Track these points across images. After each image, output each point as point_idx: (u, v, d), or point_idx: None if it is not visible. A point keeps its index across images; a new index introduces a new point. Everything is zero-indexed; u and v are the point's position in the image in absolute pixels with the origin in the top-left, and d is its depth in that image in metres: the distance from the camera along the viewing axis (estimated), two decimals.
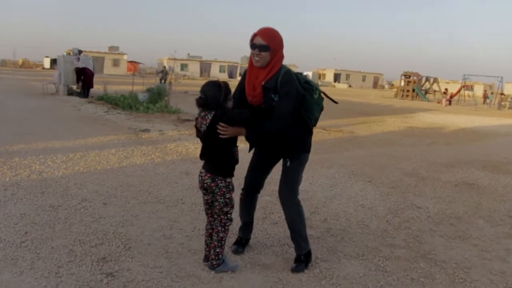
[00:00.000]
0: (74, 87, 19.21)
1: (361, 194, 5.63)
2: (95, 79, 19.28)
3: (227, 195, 3.13)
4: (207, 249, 3.30)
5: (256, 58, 3.06)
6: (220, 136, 3.00)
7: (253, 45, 3.05)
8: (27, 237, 3.66)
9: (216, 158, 3.13)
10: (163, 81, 26.42)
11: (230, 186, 3.16)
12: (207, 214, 3.31)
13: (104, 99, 15.98)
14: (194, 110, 12.56)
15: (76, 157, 6.80)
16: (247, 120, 3.07)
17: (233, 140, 3.12)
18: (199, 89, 3.11)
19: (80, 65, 19.17)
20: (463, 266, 3.65)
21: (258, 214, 4.19)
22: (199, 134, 3.12)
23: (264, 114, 3.14)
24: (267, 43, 3.02)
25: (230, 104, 3.08)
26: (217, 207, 3.15)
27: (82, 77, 18.31)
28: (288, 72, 3.11)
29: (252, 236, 3.83)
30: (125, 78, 41.01)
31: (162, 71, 34.99)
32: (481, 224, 4.81)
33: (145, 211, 4.47)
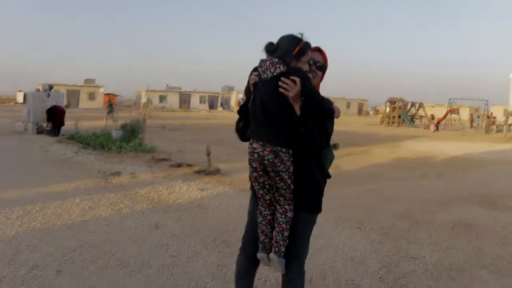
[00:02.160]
0: (44, 124, 18.71)
1: (349, 244, 5.24)
2: (68, 114, 18.84)
3: (291, 169, 2.57)
4: (265, 239, 2.75)
5: (309, 75, 2.70)
6: (281, 90, 2.48)
7: (312, 60, 2.75)
8: None
9: (279, 122, 2.53)
10: (111, 116, 25.73)
11: (292, 159, 2.58)
12: (261, 198, 2.74)
13: (75, 138, 15.49)
14: (170, 148, 12.18)
15: (35, 210, 6.31)
16: (325, 107, 2.60)
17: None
18: (178, 122, 2.74)
19: (50, 101, 18.75)
20: None
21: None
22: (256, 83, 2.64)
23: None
24: (324, 62, 2.88)
25: (303, 68, 2.61)
26: (283, 187, 2.60)
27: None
28: None
29: None
30: (101, 111, 40.44)
31: (109, 105, 33.81)
32: (485, 276, 4.45)
33: (105, 280, 4.00)
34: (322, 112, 2.59)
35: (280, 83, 2.48)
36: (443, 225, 6.24)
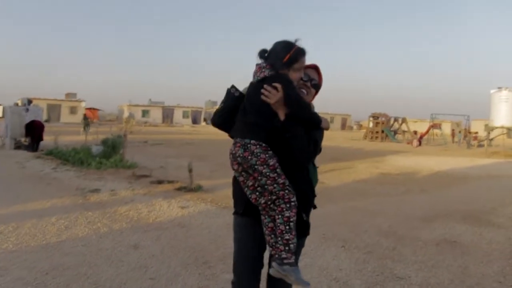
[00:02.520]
0: (22, 139, 18.36)
1: (334, 263, 5.14)
2: (48, 129, 18.55)
3: (271, 161, 2.39)
4: (272, 251, 2.49)
5: (303, 91, 2.68)
6: (262, 97, 2.41)
7: (307, 76, 2.70)
8: None
9: (254, 121, 2.45)
10: (86, 130, 25.36)
11: (270, 152, 2.41)
12: (256, 203, 2.52)
13: (54, 153, 15.20)
14: (152, 164, 12.00)
15: (8, 229, 6.09)
16: (312, 114, 2.55)
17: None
18: (160, 137, 2.62)
19: (29, 115, 18.45)
20: None
21: None
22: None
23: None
24: (319, 81, 2.78)
25: (294, 75, 2.51)
26: (268, 183, 2.39)
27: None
28: None
29: None
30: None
31: (84, 118, 33.14)
32: None
33: None
34: (308, 119, 2.50)
35: (262, 90, 2.42)
36: (428, 242, 6.18)
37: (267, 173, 2.38)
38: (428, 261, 5.37)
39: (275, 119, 2.44)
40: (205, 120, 68.14)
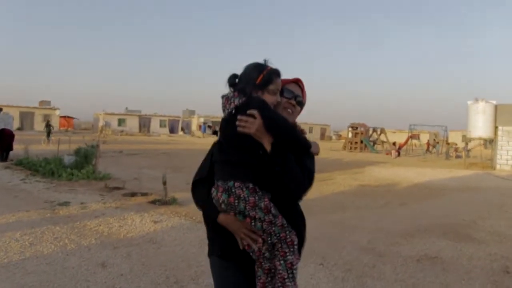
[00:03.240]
0: None
1: (312, 283, 4.97)
2: (18, 138, 18.06)
3: (262, 203, 2.12)
4: None
5: (289, 110, 2.40)
6: (239, 129, 2.13)
7: (291, 93, 2.42)
8: None
9: (237, 160, 2.18)
10: (47, 137, 24.65)
11: (260, 193, 2.14)
12: (253, 253, 2.19)
13: (24, 163, 14.76)
14: (125, 175, 11.71)
15: None
16: (299, 137, 2.27)
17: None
18: (136, 147, 2.37)
19: None
20: None
21: None
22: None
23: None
24: (303, 97, 2.50)
25: (270, 99, 2.24)
26: (264, 226, 2.14)
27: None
28: None
29: None
30: (57, 135, 39.39)
31: (46, 125, 31.88)
32: None
33: None
34: (295, 141, 2.22)
35: (236, 122, 2.14)
36: (408, 258, 6.07)
37: (261, 217, 2.11)
38: (409, 279, 5.26)
39: (261, 152, 2.15)
40: (182, 129, 67.69)
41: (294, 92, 2.41)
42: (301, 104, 2.46)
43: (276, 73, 2.27)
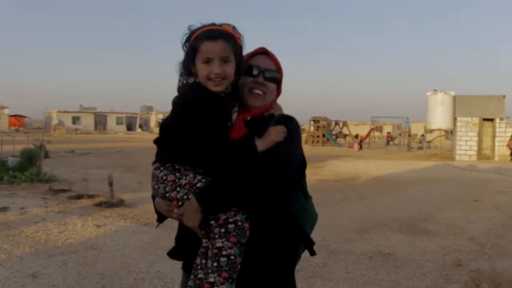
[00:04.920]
0: None
1: None
2: None
3: (183, 181, 1.76)
4: None
5: (258, 92, 1.91)
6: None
7: (256, 69, 1.91)
8: None
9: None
10: None
11: (182, 169, 1.78)
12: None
13: None
14: (74, 176, 11.29)
15: None
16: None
17: None
18: (90, 145, 2.07)
19: None
20: None
21: None
22: None
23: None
24: (277, 69, 1.97)
25: (203, 70, 1.76)
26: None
27: None
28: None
29: None
30: (6, 135, 38.07)
31: None
32: None
33: None
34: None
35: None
36: (361, 255, 6.04)
37: (183, 196, 1.74)
38: (360, 277, 5.21)
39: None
40: (140, 126, 66.70)
41: (261, 67, 1.91)
42: (274, 79, 1.94)
43: (202, 37, 1.76)
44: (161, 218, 1.96)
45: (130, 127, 65.42)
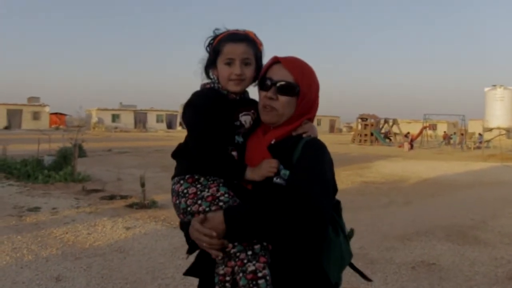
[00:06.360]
0: None
1: None
2: (3, 137, 17.91)
3: (205, 193, 1.73)
4: None
5: (268, 106, 1.81)
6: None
7: (268, 81, 1.81)
8: None
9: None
10: None
11: (204, 180, 1.76)
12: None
13: None
14: (108, 176, 11.54)
15: None
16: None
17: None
18: (128, 144, 2.04)
19: None
20: None
21: None
22: None
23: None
24: (295, 79, 1.80)
25: (224, 72, 1.83)
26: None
27: None
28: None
29: None
30: (46, 133, 39.40)
31: None
32: None
33: None
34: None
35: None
36: (403, 265, 5.83)
37: (205, 209, 1.69)
38: None
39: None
40: (181, 124, 67.59)
41: (273, 79, 1.79)
42: (287, 91, 1.78)
43: (225, 39, 1.82)
44: (192, 248, 1.86)
45: (170, 125, 66.47)
